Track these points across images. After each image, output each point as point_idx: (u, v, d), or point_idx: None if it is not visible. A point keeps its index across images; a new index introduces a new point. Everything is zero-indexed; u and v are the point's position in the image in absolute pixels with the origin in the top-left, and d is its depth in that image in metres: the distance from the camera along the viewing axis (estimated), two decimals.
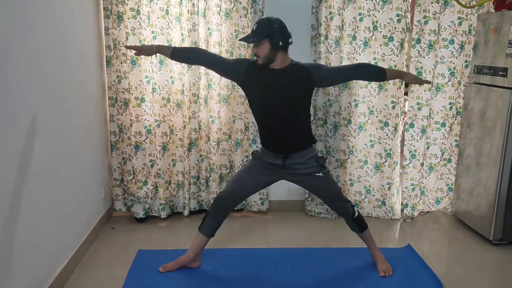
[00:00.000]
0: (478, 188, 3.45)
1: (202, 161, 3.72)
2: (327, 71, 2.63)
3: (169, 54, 2.60)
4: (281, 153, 2.63)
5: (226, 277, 2.80)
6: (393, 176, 3.73)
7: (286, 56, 2.55)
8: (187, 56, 2.70)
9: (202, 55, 2.67)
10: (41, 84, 2.42)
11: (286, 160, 2.64)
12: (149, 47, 2.68)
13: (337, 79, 2.75)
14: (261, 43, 2.46)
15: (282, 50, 2.50)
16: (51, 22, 2.57)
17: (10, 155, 2.09)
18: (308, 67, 2.57)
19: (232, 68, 2.61)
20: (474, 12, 3.58)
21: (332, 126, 3.73)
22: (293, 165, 2.65)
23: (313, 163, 2.66)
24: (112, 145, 3.60)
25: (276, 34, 2.45)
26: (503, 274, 2.96)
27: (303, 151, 2.64)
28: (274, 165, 2.67)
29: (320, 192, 2.83)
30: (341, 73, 2.72)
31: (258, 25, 2.50)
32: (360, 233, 2.89)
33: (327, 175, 2.73)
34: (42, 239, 2.43)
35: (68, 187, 2.82)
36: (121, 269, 2.85)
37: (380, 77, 2.71)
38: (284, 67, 2.54)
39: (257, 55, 2.51)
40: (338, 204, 2.82)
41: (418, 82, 2.76)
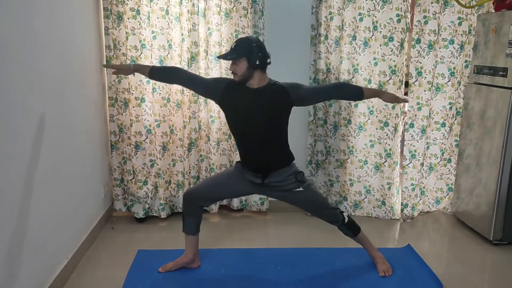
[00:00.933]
0: (478, 188, 3.45)
1: (202, 161, 3.72)
2: (305, 91, 2.60)
3: (147, 73, 2.61)
4: (260, 172, 2.64)
5: (226, 277, 2.80)
6: (393, 176, 3.73)
7: (264, 75, 2.55)
8: (165, 75, 2.69)
9: (180, 74, 2.66)
10: (41, 84, 2.42)
11: (265, 179, 2.64)
12: (127, 66, 2.69)
13: (315, 99, 2.74)
14: (239, 61, 2.47)
15: (259, 69, 2.51)
16: (51, 22, 2.57)
17: (10, 155, 2.09)
18: (286, 87, 2.56)
19: (211, 87, 2.62)
20: (474, 12, 3.58)
21: (332, 126, 3.73)
22: (272, 183, 2.66)
23: (292, 180, 2.65)
24: (112, 145, 3.60)
25: (254, 53, 2.46)
26: (503, 274, 2.96)
27: (282, 170, 2.63)
28: (253, 183, 2.68)
29: (304, 205, 2.82)
30: (319, 93, 2.70)
31: (236, 44, 2.52)
32: (355, 237, 2.88)
33: (308, 188, 2.71)
34: (42, 239, 2.43)
35: (68, 187, 2.82)
36: (121, 269, 2.85)
37: (357, 96, 2.70)
38: (262, 86, 2.54)
39: (234, 73, 2.52)
40: (326, 213, 2.81)
41: (395, 100, 2.72)
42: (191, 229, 2.79)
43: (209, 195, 2.79)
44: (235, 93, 2.55)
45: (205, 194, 2.76)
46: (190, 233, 2.80)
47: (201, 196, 2.75)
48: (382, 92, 2.78)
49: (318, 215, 2.85)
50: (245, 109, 2.53)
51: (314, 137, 3.75)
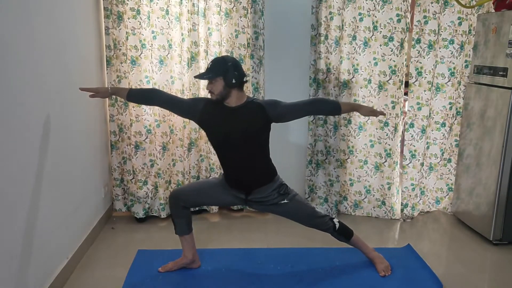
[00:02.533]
0: (478, 188, 3.45)
1: (202, 161, 3.72)
2: (283, 108, 2.58)
3: (125, 96, 2.62)
4: (243, 189, 2.66)
5: (226, 277, 2.80)
6: (393, 176, 3.73)
7: (242, 93, 2.56)
8: (143, 98, 2.70)
9: (158, 97, 2.66)
10: (41, 84, 2.42)
11: (248, 195, 2.67)
12: (104, 89, 2.71)
13: (293, 115, 2.71)
14: (215, 80, 2.48)
15: (236, 88, 2.51)
16: (51, 22, 2.57)
17: (10, 155, 2.09)
18: (264, 104, 2.56)
19: (189, 108, 2.62)
20: (474, 12, 3.58)
21: (332, 126, 3.73)
22: (256, 199, 2.68)
23: (275, 195, 2.67)
24: (112, 145, 3.60)
25: (230, 72, 2.47)
26: (503, 274, 2.96)
27: (264, 186, 2.65)
28: (238, 198, 2.71)
29: (292, 216, 2.81)
30: (296, 109, 2.66)
31: (212, 63, 2.53)
32: (348, 241, 2.88)
33: (293, 199, 2.72)
34: (42, 239, 2.43)
35: (68, 187, 2.82)
36: (121, 269, 2.85)
37: (335, 111, 2.70)
38: (240, 104, 2.54)
39: (211, 92, 2.53)
40: (315, 223, 2.81)
41: (373, 114, 2.72)
42: (182, 229, 2.79)
43: (192, 199, 2.78)
44: (214, 113, 2.56)
45: (189, 197, 2.76)
46: (183, 233, 2.80)
47: (184, 198, 2.75)
48: (359, 106, 2.78)
49: (308, 224, 2.84)
50: (224, 128, 2.55)
51: (314, 137, 3.75)
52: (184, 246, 2.83)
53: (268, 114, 2.53)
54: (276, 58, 3.73)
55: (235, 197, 2.72)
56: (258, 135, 2.58)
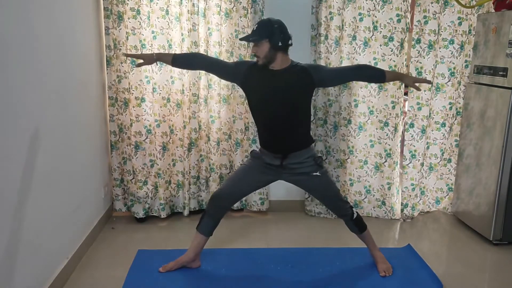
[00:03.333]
0: (478, 188, 3.45)
1: (202, 161, 3.72)
2: (327, 72, 2.64)
3: (170, 61, 2.62)
4: (280, 153, 2.65)
5: (226, 277, 2.80)
6: (393, 176, 3.73)
7: (286, 57, 2.56)
8: (188, 62, 2.72)
9: (202, 60, 2.70)
10: (41, 84, 2.42)
11: (284, 160, 2.65)
12: (149, 55, 2.69)
13: (337, 80, 2.76)
14: (261, 43, 2.47)
15: (281, 51, 2.51)
16: (51, 22, 2.57)
17: (10, 156, 2.09)
18: (308, 68, 2.58)
19: (233, 70, 2.65)
20: (474, 12, 3.58)
21: (332, 126, 3.73)
22: (291, 165, 2.66)
23: (311, 163, 2.67)
24: (112, 145, 3.60)
25: (276, 34, 2.46)
26: (503, 274, 2.96)
27: (302, 151, 2.65)
28: (272, 165, 2.69)
29: (318, 193, 2.83)
30: (341, 74, 2.72)
31: (258, 25, 2.52)
32: (360, 234, 2.89)
33: (324, 175, 2.73)
34: (42, 239, 2.43)
35: (68, 187, 2.82)
36: (121, 269, 2.85)
37: (380, 78, 2.71)
38: (284, 67, 2.55)
39: (257, 55, 2.53)
40: (336, 205, 2.82)
41: (417, 82, 2.75)
42: (206, 229, 2.80)
43: (234, 194, 2.78)
44: (257, 76, 2.56)
45: (230, 192, 2.76)
46: (204, 233, 2.80)
47: (229, 195, 2.76)
48: (404, 75, 2.82)
49: (329, 205, 2.86)
50: (268, 91, 2.55)
51: (314, 137, 3.74)
52: (193, 244, 2.83)
53: (312, 77, 2.54)
54: None
55: (269, 169, 2.68)
56: (301, 98, 2.59)
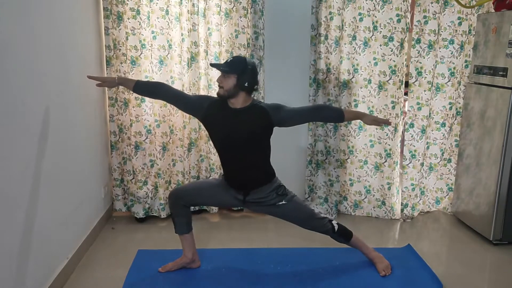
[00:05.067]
0: (478, 188, 3.45)
1: (202, 161, 3.72)
2: (286, 112, 2.59)
3: (132, 87, 2.62)
4: (241, 190, 2.67)
5: (226, 277, 2.80)
6: (393, 176, 3.73)
7: (249, 97, 2.57)
8: (150, 90, 2.70)
9: (165, 91, 2.67)
10: (41, 84, 2.42)
11: (246, 196, 2.68)
12: (111, 78, 2.71)
13: (296, 120, 2.71)
14: (229, 76, 2.48)
15: (245, 91, 2.52)
16: (51, 22, 2.57)
17: (10, 156, 2.09)
18: (268, 108, 2.56)
19: (194, 104, 2.64)
20: (474, 12, 3.58)
21: (332, 126, 3.73)
22: (254, 200, 2.69)
23: (273, 196, 2.67)
24: (112, 145, 3.60)
25: (246, 74, 2.48)
26: (503, 274, 2.96)
27: (263, 187, 2.66)
28: (236, 199, 2.71)
29: (290, 218, 2.80)
30: (300, 115, 2.67)
31: (233, 59, 2.54)
32: (348, 242, 2.88)
33: (291, 200, 2.71)
34: (42, 239, 2.43)
35: (68, 187, 2.82)
36: (121, 269, 2.85)
37: (338, 118, 2.71)
38: (245, 107, 2.55)
39: (220, 85, 2.53)
40: (314, 224, 2.80)
41: (376, 123, 2.71)
42: (182, 228, 2.80)
43: (192, 199, 2.79)
44: (218, 112, 2.57)
45: (189, 196, 2.77)
46: (183, 232, 2.80)
47: (185, 197, 2.76)
48: (363, 114, 2.78)
49: (307, 226, 2.83)
50: (226, 129, 2.56)
51: (314, 137, 3.75)
52: (184, 246, 2.83)
53: (271, 118, 2.54)
54: (276, 58, 3.73)
55: (234, 198, 2.72)
56: (260, 138, 2.59)
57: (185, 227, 2.80)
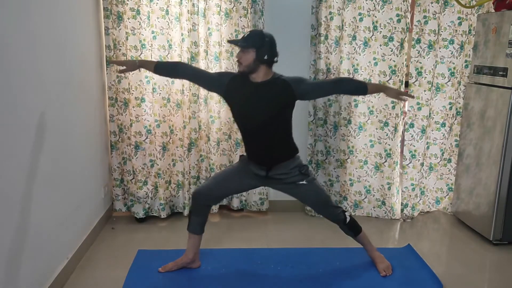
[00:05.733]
0: (478, 188, 3.45)
1: (202, 161, 3.72)
2: (308, 85, 2.61)
3: (153, 69, 2.63)
4: (264, 165, 2.66)
5: (226, 277, 2.80)
6: (393, 176, 3.73)
7: (269, 70, 2.56)
8: (171, 70, 2.71)
9: (185, 70, 2.69)
10: (41, 84, 2.42)
11: (269, 171, 2.66)
12: (132, 62, 2.70)
13: (319, 93, 2.74)
14: (247, 51, 2.47)
15: (265, 64, 2.51)
16: (51, 22, 2.57)
17: (11, 156, 2.09)
18: (290, 81, 2.56)
19: (215, 81, 2.64)
20: (474, 12, 3.58)
21: (332, 126, 3.73)
22: (276, 175, 2.68)
23: (296, 173, 2.67)
24: (112, 145, 3.60)
25: (265, 47, 2.47)
26: (503, 274, 2.96)
27: (286, 162, 2.65)
28: (258, 175, 2.70)
29: (307, 200, 2.82)
30: (322, 87, 2.69)
31: (250, 33, 2.54)
32: (355, 237, 2.89)
33: (311, 183, 2.72)
34: (42, 239, 2.43)
35: (68, 187, 2.82)
36: (121, 269, 2.85)
37: (361, 91, 2.69)
38: (266, 80, 2.55)
39: (239, 61, 2.52)
40: (328, 211, 2.81)
41: (399, 96, 2.72)
42: (196, 228, 2.81)
43: (217, 192, 2.79)
44: (239, 87, 2.56)
45: (213, 191, 2.77)
46: (195, 232, 2.81)
47: (210, 193, 2.76)
48: (386, 87, 2.78)
49: (320, 211, 2.85)
50: (249, 103, 2.55)
51: (314, 137, 3.75)
52: (189, 244, 2.83)
53: (293, 90, 2.53)
54: None
55: (256, 177, 2.70)
56: (283, 111, 2.58)
57: (198, 228, 2.81)
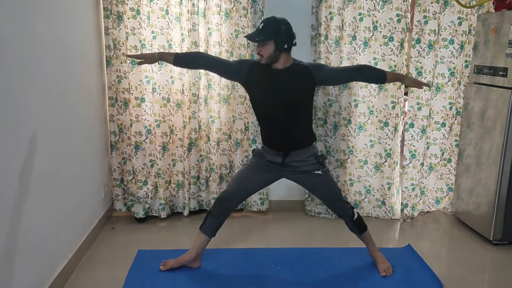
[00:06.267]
0: (478, 188, 3.45)
1: (202, 161, 3.72)
2: (328, 71, 2.64)
3: (172, 60, 2.60)
4: (282, 151, 2.65)
5: (226, 277, 2.80)
6: (393, 176, 3.73)
7: (289, 56, 2.56)
8: (190, 61, 2.71)
9: (204, 59, 2.69)
10: (41, 84, 2.42)
11: (286, 157, 2.66)
12: (151, 54, 2.63)
13: (338, 79, 2.77)
14: (266, 43, 2.46)
15: (286, 52, 2.51)
16: (51, 22, 2.57)
17: (11, 156, 2.09)
18: (310, 67, 2.58)
19: (235, 69, 2.64)
20: (474, 12, 3.58)
21: (332, 126, 3.73)
22: (292, 163, 2.67)
23: (312, 161, 2.67)
24: (112, 145, 3.60)
25: (282, 35, 2.45)
26: (503, 274, 2.96)
27: (303, 149, 2.66)
28: (274, 163, 2.69)
29: (319, 192, 2.83)
30: (342, 74, 2.73)
31: (264, 24, 2.49)
32: (360, 235, 2.89)
33: (326, 174, 2.74)
34: (42, 239, 2.43)
35: (68, 187, 2.82)
36: (121, 269, 2.85)
37: (380, 79, 2.72)
38: (286, 67, 2.55)
39: (260, 54, 2.52)
40: (337, 205, 2.82)
41: (417, 85, 2.76)
42: (210, 230, 2.81)
43: (239, 194, 2.79)
44: (260, 74, 2.56)
45: (236, 193, 2.77)
46: (208, 233, 2.81)
47: (237, 195, 2.77)
48: (404, 76, 2.82)
49: (330, 205, 2.86)
50: (270, 90, 2.55)
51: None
52: (196, 243, 2.83)
53: (314, 76, 2.54)
54: None
55: (271, 167, 2.69)
56: (303, 97, 2.59)
57: (211, 230, 2.81)
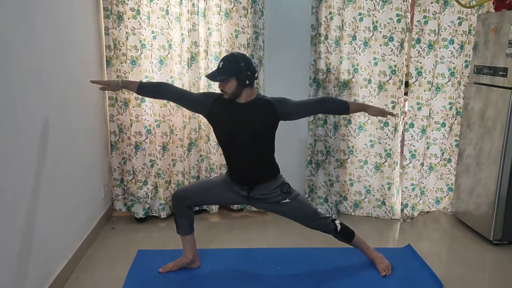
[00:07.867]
0: (478, 188, 3.45)
1: (202, 161, 3.72)
2: (291, 105, 2.59)
3: (136, 89, 2.61)
4: (246, 185, 2.66)
5: (226, 277, 2.80)
6: (393, 176, 3.73)
7: (252, 90, 2.56)
8: (154, 91, 2.69)
9: (168, 91, 2.67)
10: (41, 84, 2.42)
11: (251, 192, 2.67)
12: (115, 82, 2.69)
13: (302, 113, 2.73)
14: (228, 81, 2.47)
15: (248, 86, 2.52)
16: (51, 22, 2.57)
17: (11, 155, 2.09)
18: (273, 101, 2.56)
19: (199, 102, 2.64)
20: (474, 12, 3.58)
21: (332, 126, 3.73)
22: (258, 196, 2.68)
23: (277, 193, 2.67)
24: (112, 145, 3.60)
25: (243, 72, 2.46)
26: (503, 274, 2.96)
27: (268, 183, 2.66)
28: (240, 194, 2.70)
29: (293, 217, 2.80)
30: (304, 108, 2.69)
31: (224, 63, 2.49)
32: (350, 242, 2.88)
33: (295, 199, 2.71)
34: (42, 239, 2.43)
35: (68, 187, 2.82)
36: (121, 269, 2.85)
37: (343, 110, 2.71)
38: (250, 101, 2.55)
39: (223, 91, 2.52)
40: (317, 223, 2.80)
41: (381, 114, 2.73)
42: (184, 229, 2.80)
43: (196, 199, 2.79)
44: (223, 108, 2.57)
45: (193, 196, 2.76)
46: (185, 233, 2.80)
47: (189, 198, 2.75)
48: (368, 106, 2.78)
49: (310, 225, 2.83)
50: (232, 124, 2.55)
51: (314, 137, 3.75)
52: (185, 246, 2.83)
53: (277, 111, 2.54)
54: (276, 58, 3.73)
55: (238, 195, 2.71)
56: (266, 132, 2.59)
57: (187, 228, 2.80)
